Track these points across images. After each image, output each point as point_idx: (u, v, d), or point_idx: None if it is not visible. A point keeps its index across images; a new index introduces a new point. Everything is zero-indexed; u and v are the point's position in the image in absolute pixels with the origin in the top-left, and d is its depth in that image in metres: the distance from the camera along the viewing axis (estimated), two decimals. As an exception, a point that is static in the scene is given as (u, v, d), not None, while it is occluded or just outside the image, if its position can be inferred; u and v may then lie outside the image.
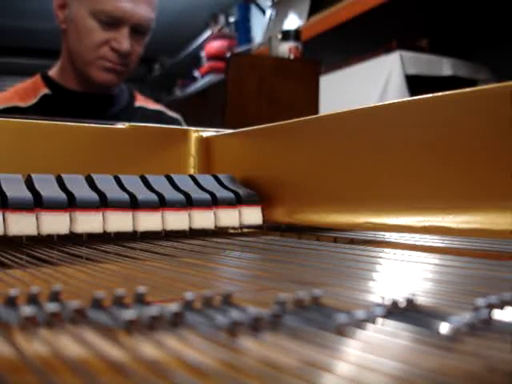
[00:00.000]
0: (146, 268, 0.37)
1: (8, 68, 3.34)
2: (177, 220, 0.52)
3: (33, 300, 0.23)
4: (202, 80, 2.59)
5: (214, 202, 0.55)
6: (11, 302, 0.23)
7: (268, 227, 0.59)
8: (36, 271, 0.34)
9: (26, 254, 0.41)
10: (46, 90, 1.14)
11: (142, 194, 0.52)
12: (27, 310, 0.21)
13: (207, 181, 0.59)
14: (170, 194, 0.53)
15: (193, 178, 0.59)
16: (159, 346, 0.19)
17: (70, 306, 0.22)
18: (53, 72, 1.18)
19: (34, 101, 1.12)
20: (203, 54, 2.65)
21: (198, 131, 0.70)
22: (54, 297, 0.24)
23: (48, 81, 1.16)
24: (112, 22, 1.07)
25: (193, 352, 0.18)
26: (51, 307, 0.21)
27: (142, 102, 1.24)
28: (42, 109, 1.11)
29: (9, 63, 3.35)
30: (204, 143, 0.69)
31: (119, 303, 0.24)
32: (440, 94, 0.43)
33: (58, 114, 1.08)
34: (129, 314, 0.21)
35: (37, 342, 0.19)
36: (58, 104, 1.14)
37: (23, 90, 1.15)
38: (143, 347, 0.19)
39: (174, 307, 0.22)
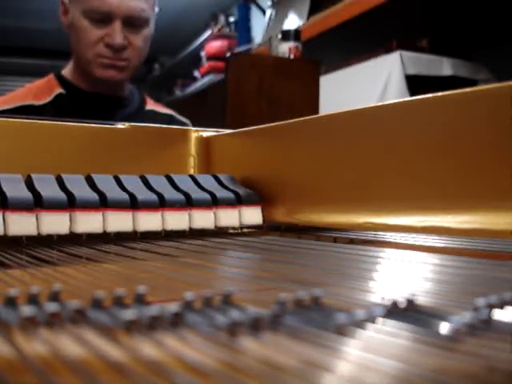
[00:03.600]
0: (146, 268, 0.37)
1: (8, 68, 3.34)
2: (177, 220, 0.52)
3: (33, 300, 0.23)
4: (202, 80, 2.59)
5: (214, 202, 0.55)
6: (11, 302, 0.23)
7: (268, 227, 0.59)
8: (36, 271, 0.34)
9: (26, 254, 0.41)
10: (60, 90, 1.15)
11: (142, 194, 0.52)
12: (27, 310, 0.21)
13: (207, 181, 0.59)
14: (169, 194, 0.53)
15: (193, 177, 0.59)
16: (159, 345, 0.19)
17: (70, 306, 0.22)
18: (66, 72, 1.19)
19: (48, 99, 1.13)
20: (203, 53, 2.65)
21: (198, 131, 0.70)
22: (54, 297, 0.24)
23: (62, 80, 1.18)
24: (102, 18, 1.08)
25: (193, 352, 0.18)
26: (51, 307, 0.21)
27: (152, 105, 1.26)
28: (56, 107, 1.12)
29: (9, 63, 3.35)
30: (204, 143, 0.69)
31: (119, 303, 0.24)
32: (440, 94, 0.43)
33: (72, 113, 1.10)
34: (129, 313, 0.21)
35: (37, 341, 0.19)
36: (71, 103, 1.15)
37: (37, 89, 1.17)
38: (143, 347, 0.19)
39: (174, 307, 0.22)
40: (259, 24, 2.46)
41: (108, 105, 1.17)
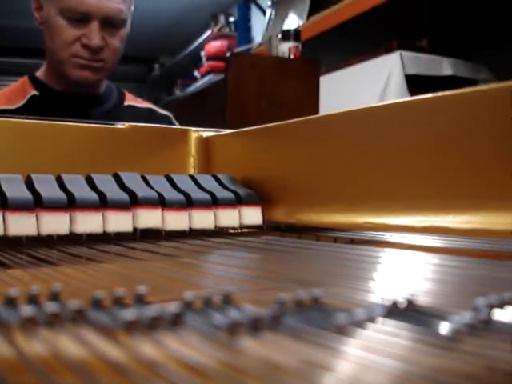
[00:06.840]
0: (146, 268, 0.37)
1: (7, 68, 3.34)
2: (177, 220, 0.52)
3: (33, 300, 0.23)
4: (202, 80, 2.59)
5: (214, 202, 0.55)
6: (11, 302, 0.23)
7: (268, 227, 0.59)
8: (36, 271, 0.34)
9: (26, 254, 0.41)
10: (33, 91, 1.14)
11: (142, 191, 0.52)
12: (27, 310, 0.21)
13: (207, 181, 0.59)
14: (169, 193, 0.53)
15: (193, 178, 0.59)
16: (159, 346, 0.19)
17: (70, 305, 0.22)
18: (40, 73, 1.18)
19: (22, 102, 1.11)
20: (203, 53, 2.65)
21: (198, 131, 0.70)
22: (54, 297, 0.24)
23: (35, 82, 1.16)
24: (79, 18, 1.06)
25: (193, 352, 0.18)
26: (51, 307, 0.21)
27: (131, 100, 1.24)
28: (31, 110, 1.10)
29: (8, 63, 3.35)
30: (204, 143, 0.69)
31: (119, 303, 0.24)
32: (440, 93, 0.43)
33: (47, 114, 1.08)
34: (129, 313, 0.21)
35: (37, 341, 0.19)
36: (46, 105, 1.13)
37: (11, 92, 1.15)
38: (143, 347, 0.19)
39: (173, 307, 0.22)
40: (259, 24, 2.46)
41: (83, 104, 1.15)
